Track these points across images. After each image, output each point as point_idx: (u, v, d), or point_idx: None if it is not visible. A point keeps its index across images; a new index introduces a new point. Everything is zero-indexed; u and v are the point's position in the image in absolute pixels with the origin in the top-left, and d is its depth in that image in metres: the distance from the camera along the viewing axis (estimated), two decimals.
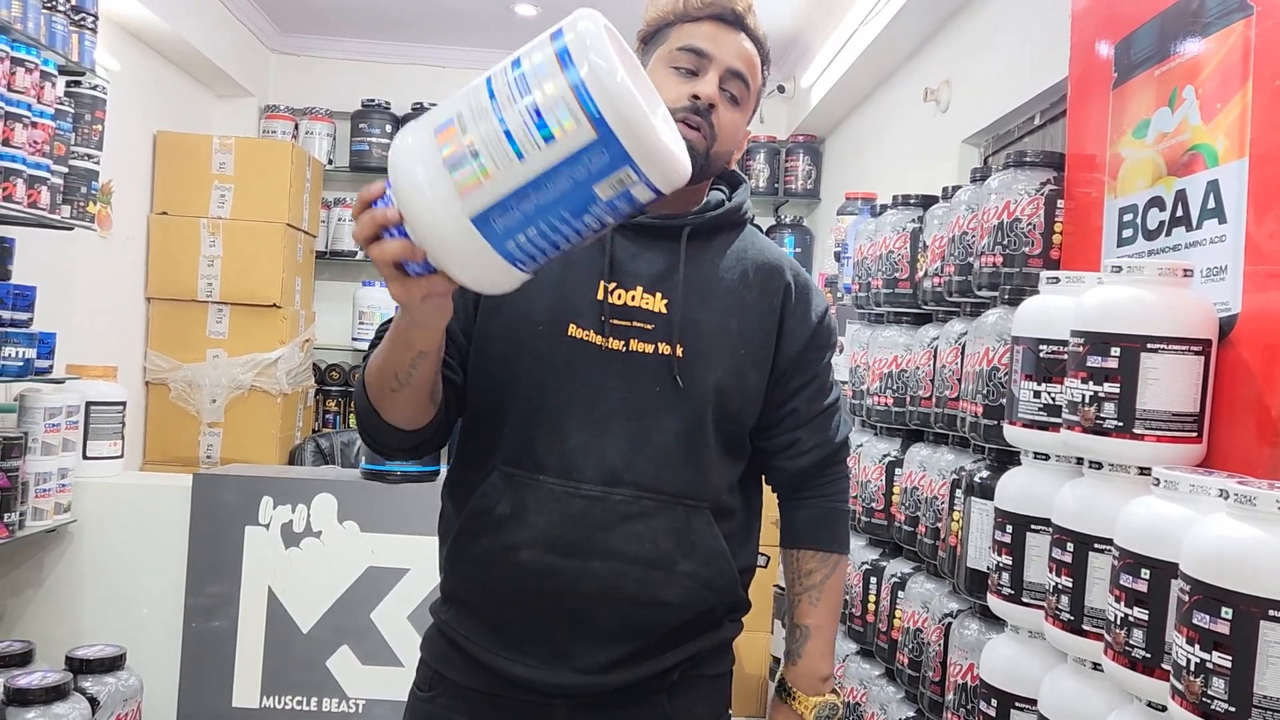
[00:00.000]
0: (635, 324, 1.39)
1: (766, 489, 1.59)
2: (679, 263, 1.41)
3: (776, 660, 3.87)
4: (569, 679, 1.37)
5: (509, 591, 1.36)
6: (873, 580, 2.40)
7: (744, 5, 1.42)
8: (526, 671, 1.36)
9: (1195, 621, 1.10)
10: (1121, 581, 1.28)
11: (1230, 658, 1.06)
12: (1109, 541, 1.33)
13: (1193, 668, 1.10)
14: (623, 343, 1.38)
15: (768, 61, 1.48)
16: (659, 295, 1.40)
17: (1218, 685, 1.07)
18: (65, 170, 2.58)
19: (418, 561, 2.71)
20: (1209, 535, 1.12)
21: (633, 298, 1.39)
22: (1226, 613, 1.07)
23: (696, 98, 1.37)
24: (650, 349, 1.38)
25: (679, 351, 1.39)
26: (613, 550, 1.34)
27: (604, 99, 0.93)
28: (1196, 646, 1.10)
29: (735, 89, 1.41)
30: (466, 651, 1.40)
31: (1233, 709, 1.06)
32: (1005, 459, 1.78)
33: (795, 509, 1.57)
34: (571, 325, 1.37)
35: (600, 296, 1.38)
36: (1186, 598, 1.12)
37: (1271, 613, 1.04)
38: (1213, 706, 1.08)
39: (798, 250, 5.00)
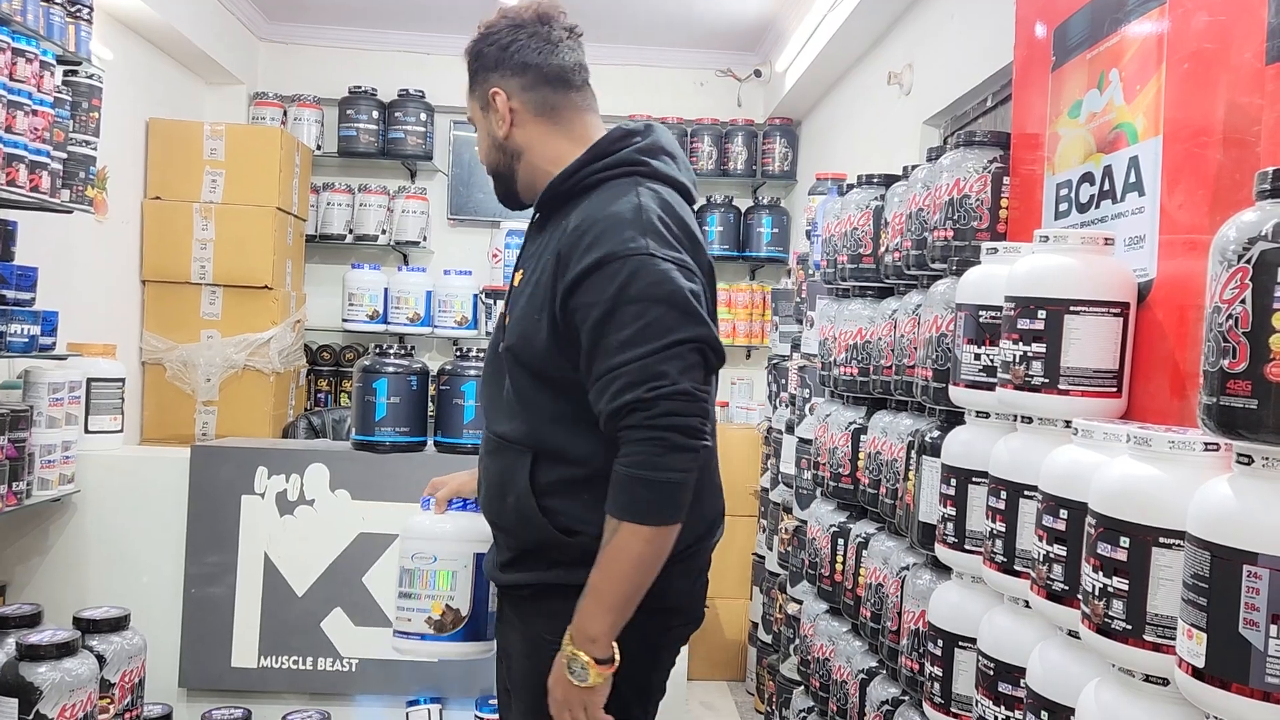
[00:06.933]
0: (508, 300, 1.72)
1: None
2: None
3: (755, 625, 4.01)
4: (491, 571, 1.78)
5: None
6: (840, 542, 2.52)
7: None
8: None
9: (1099, 551, 1.23)
10: (1044, 522, 1.40)
11: (1127, 582, 1.19)
12: (1036, 488, 1.46)
13: (1097, 593, 1.23)
14: (504, 317, 1.73)
15: (473, 76, 1.73)
16: (519, 273, 1.72)
17: (1117, 607, 1.20)
18: (64, 156, 2.68)
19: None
20: (1112, 475, 1.24)
21: (516, 279, 1.73)
22: (1124, 541, 1.20)
23: None
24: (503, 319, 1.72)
25: (507, 320, 1.69)
26: (483, 477, 1.74)
27: None
28: (1100, 574, 1.22)
29: (471, 117, 1.78)
30: None
31: (1129, 627, 1.19)
32: (954, 419, 1.90)
33: None
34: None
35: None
36: (1093, 531, 1.25)
37: (1162, 540, 1.17)
38: (1113, 626, 1.21)
39: (775, 230, 5.12)
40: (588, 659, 1.54)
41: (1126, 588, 1.19)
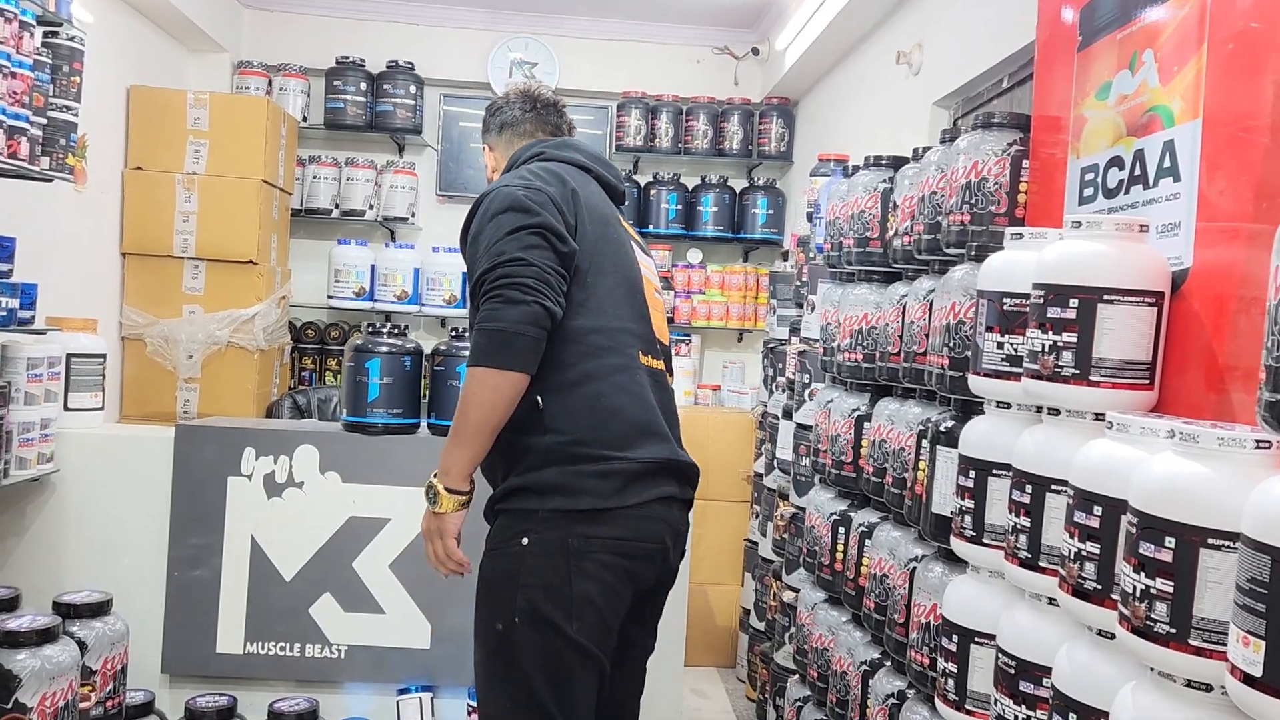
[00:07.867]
0: None
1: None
2: None
3: (746, 611, 3.97)
4: None
5: None
6: (841, 530, 2.47)
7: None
8: None
9: (1141, 551, 1.18)
10: (1075, 518, 1.35)
11: (1172, 583, 1.15)
12: (1064, 483, 1.40)
13: (1138, 594, 1.18)
14: None
15: (485, 127, 2.29)
16: None
17: (1160, 609, 1.16)
18: (44, 122, 2.57)
19: (398, 511, 2.75)
20: (1155, 472, 1.19)
21: None
22: (1170, 542, 1.15)
23: None
24: None
25: None
26: None
27: None
28: (1142, 574, 1.17)
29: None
30: None
31: (1174, 630, 1.14)
32: (969, 409, 1.85)
33: None
34: None
35: None
36: (1134, 529, 1.20)
37: (1211, 541, 1.12)
38: (1155, 629, 1.16)
39: (770, 212, 5.05)
40: (439, 485, 1.88)
41: (1171, 589, 1.14)
